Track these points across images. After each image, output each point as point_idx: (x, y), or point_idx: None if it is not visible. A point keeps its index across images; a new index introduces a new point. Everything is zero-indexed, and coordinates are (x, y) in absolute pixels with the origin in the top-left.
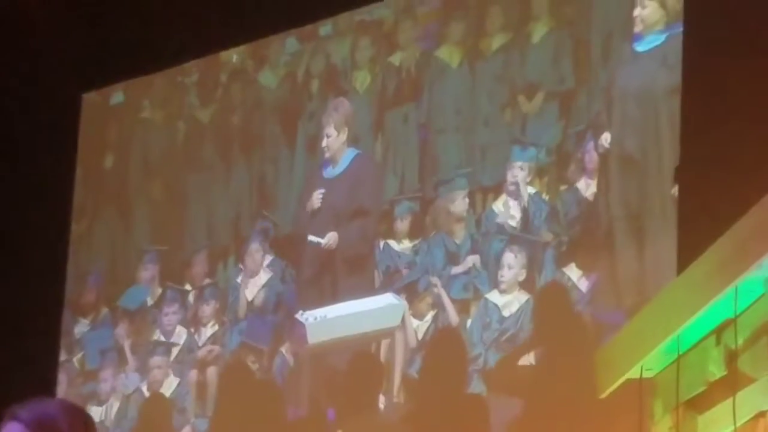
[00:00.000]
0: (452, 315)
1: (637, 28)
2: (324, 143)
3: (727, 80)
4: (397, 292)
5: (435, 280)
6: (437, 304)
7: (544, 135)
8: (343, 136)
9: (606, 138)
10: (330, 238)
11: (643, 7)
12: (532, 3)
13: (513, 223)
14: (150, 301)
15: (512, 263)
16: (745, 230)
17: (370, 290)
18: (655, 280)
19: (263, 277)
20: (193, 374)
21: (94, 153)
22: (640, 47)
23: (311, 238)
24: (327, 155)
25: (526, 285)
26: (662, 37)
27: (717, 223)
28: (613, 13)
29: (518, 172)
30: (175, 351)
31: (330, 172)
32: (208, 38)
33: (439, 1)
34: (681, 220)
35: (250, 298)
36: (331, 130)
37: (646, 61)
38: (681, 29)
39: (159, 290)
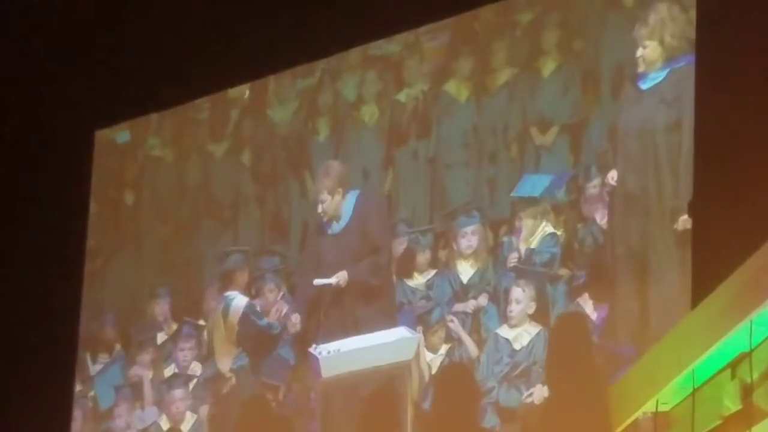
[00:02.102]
0: (471, 348)
1: (640, 69)
2: (320, 209)
3: (738, 113)
4: (412, 325)
5: (450, 316)
6: (452, 338)
7: (555, 170)
8: (339, 197)
9: (612, 176)
10: (340, 277)
11: (644, 47)
12: (541, 38)
13: (522, 256)
14: (164, 337)
15: (520, 297)
16: (759, 264)
17: (384, 324)
18: (662, 316)
19: (281, 311)
20: (207, 408)
21: (108, 190)
22: (644, 85)
23: (317, 281)
24: (325, 219)
25: (536, 317)
26: (663, 74)
27: (731, 258)
28: (618, 52)
29: (526, 207)
30: (191, 385)
31: (334, 228)
32: (217, 75)
33: (447, 36)
34: (695, 254)
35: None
36: (324, 196)
37: (648, 99)
38: (680, 64)
39: (174, 326)
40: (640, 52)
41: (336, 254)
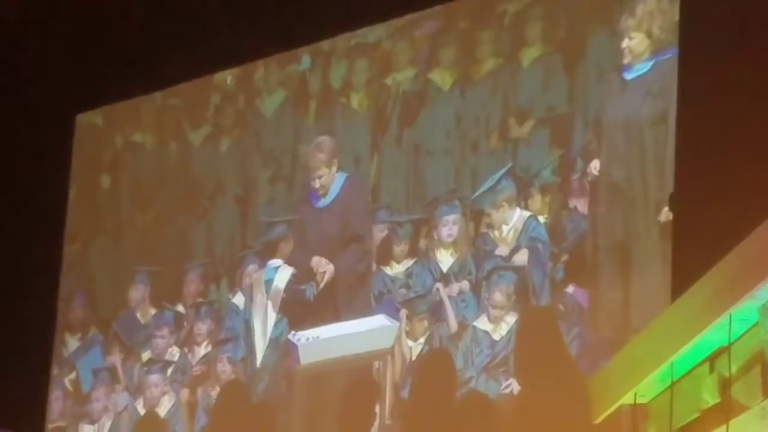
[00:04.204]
0: (452, 323)
1: (626, 60)
2: (317, 183)
3: (721, 107)
4: (391, 313)
5: (438, 285)
6: (433, 322)
7: (536, 160)
8: (334, 169)
9: (595, 165)
10: (322, 264)
11: (630, 38)
12: (526, 29)
13: (503, 246)
14: (142, 321)
15: (501, 287)
16: (739, 258)
17: (365, 312)
18: (643, 307)
19: (258, 298)
20: (186, 393)
21: (88, 174)
22: (628, 76)
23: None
24: (321, 192)
25: (515, 307)
26: (648, 65)
27: (712, 251)
28: (604, 43)
29: (509, 197)
30: (169, 370)
31: (321, 202)
32: (203, 60)
33: (434, 24)
34: (675, 247)
35: (245, 318)
36: (323, 170)
37: (633, 90)
38: (666, 56)
39: (152, 311)
40: (626, 43)
41: (316, 230)
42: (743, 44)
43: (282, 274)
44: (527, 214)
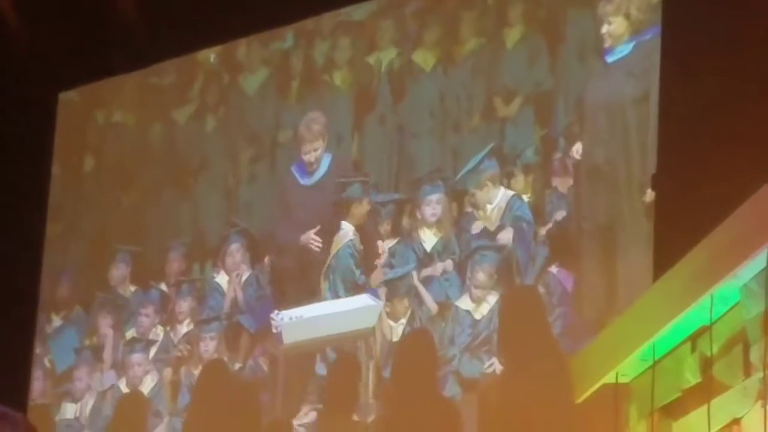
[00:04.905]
0: (431, 305)
1: (606, 44)
2: (312, 157)
3: (704, 88)
4: (375, 293)
5: (413, 273)
6: (414, 303)
7: (521, 140)
8: (324, 145)
9: (578, 148)
10: (309, 239)
11: (609, 23)
12: (508, 10)
13: (488, 225)
14: (124, 300)
15: (484, 266)
16: (721, 238)
17: (347, 292)
18: (626, 288)
19: (242, 276)
20: (169, 372)
21: (71, 153)
22: (610, 59)
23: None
24: (313, 168)
25: (498, 287)
26: (629, 47)
27: (694, 231)
28: (585, 26)
29: (492, 176)
30: (153, 349)
31: (307, 180)
32: (187, 38)
33: (417, 4)
34: (657, 227)
35: (229, 297)
36: (318, 143)
37: (615, 72)
38: (647, 37)
39: (131, 289)
40: (605, 28)
41: (302, 205)
42: (725, 23)
43: (264, 253)
44: (511, 193)
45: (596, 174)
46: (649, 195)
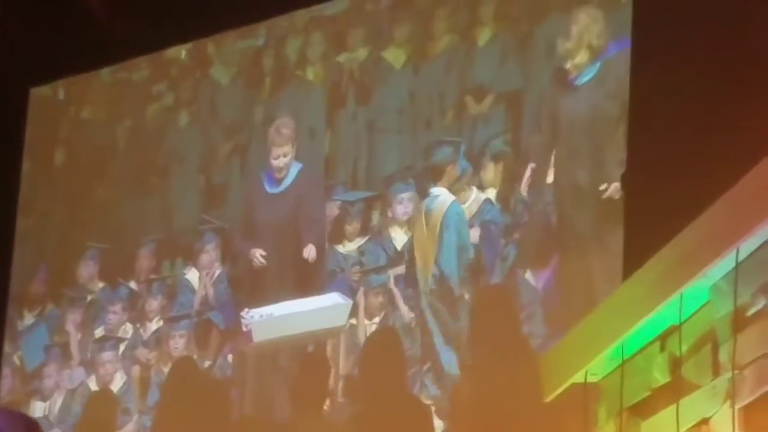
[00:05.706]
0: (404, 311)
1: (572, 76)
2: (281, 162)
3: (673, 88)
4: (345, 291)
5: (390, 272)
6: (388, 304)
7: (491, 139)
8: (293, 151)
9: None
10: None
11: (573, 59)
12: (479, 8)
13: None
14: (93, 297)
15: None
16: (691, 238)
17: (318, 291)
18: (595, 286)
19: (213, 274)
20: (138, 370)
21: (42, 148)
22: (578, 82)
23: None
24: (281, 175)
25: (467, 286)
26: (596, 68)
27: (663, 230)
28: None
29: (461, 176)
30: (122, 347)
31: (275, 188)
32: (160, 34)
33: (388, 1)
34: (627, 226)
35: (199, 295)
36: (287, 149)
37: (585, 87)
38: (611, 53)
39: (100, 285)
40: (569, 64)
41: (267, 214)
42: (694, 19)
43: (234, 252)
44: (483, 197)
45: (566, 172)
46: (619, 193)
